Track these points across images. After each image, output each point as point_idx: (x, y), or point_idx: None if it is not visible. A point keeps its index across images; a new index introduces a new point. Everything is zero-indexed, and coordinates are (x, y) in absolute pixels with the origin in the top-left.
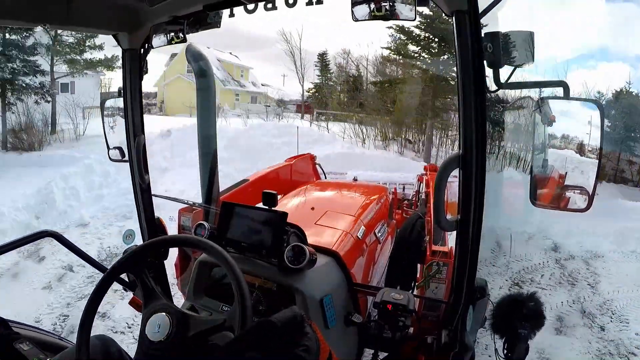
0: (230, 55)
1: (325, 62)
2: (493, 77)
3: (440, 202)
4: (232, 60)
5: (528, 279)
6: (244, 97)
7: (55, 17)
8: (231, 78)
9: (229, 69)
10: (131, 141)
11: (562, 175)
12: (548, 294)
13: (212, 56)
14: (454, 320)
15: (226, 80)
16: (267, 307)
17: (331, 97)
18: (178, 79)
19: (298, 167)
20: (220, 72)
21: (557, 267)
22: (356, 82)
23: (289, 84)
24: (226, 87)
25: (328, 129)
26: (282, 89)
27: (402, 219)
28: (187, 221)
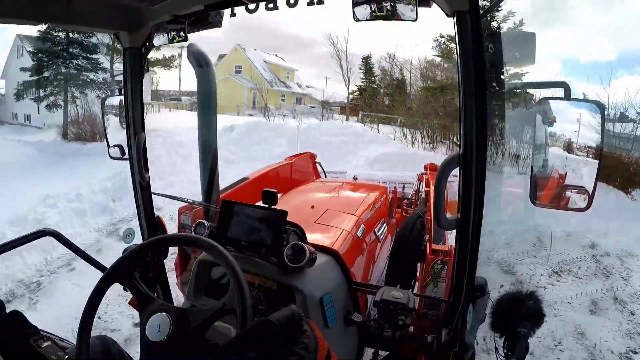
0: (276, 57)
1: (369, 65)
2: (494, 77)
3: (440, 201)
4: (278, 62)
5: (566, 269)
6: (289, 98)
7: (56, 16)
8: (277, 79)
9: (275, 70)
10: (131, 139)
11: (562, 175)
12: (584, 282)
13: (259, 58)
14: (454, 319)
15: (273, 82)
16: (267, 306)
17: (375, 100)
18: (226, 79)
19: (298, 166)
20: (267, 74)
21: (593, 261)
22: (400, 85)
23: (331, 86)
24: (273, 88)
25: (379, 130)
26: (325, 90)
27: (402, 218)
28: (187, 220)
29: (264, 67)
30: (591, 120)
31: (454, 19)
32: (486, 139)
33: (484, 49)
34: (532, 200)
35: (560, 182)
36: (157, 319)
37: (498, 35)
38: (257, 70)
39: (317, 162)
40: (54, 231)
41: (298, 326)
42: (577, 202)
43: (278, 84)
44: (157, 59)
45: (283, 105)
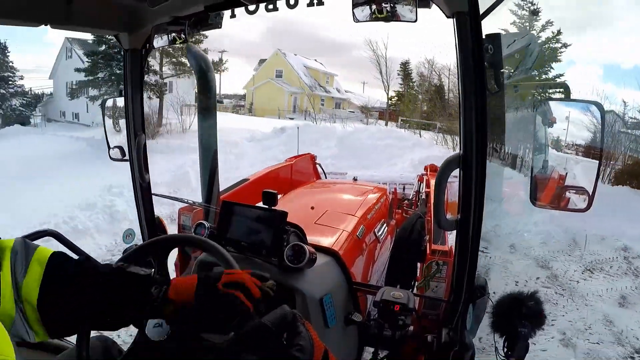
0: (316, 62)
1: (408, 71)
2: (494, 78)
3: (441, 202)
4: (318, 67)
5: (598, 267)
6: (328, 103)
7: (56, 17)
8: (317, 84)
9: (315, 75)
10: (131, 140)
11: (562, 176)
12: (614, 279)
13: (299, 63)
14: (454, 319)
15: (313, 86)
16: (267, 307)
17: (414, 105)
18: (268, 82)
19: (298, 167)
20: (308, 78)
21: (624, 262)
22: (439, 91)
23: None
24: (313, 93)
25: (421, 135)
26: (363, 95)
27: (402, 218)
28: (187, 220)
29: (304, 72)
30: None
31: (453, 20)
32: (486, 139)
33: (483, 50)
34: (532, 200)
35: (560, 183)
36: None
37: (497, 36)
38: (298, 75)
39: (317, 164)
40: (54, 231)
41: (292, 327)
42: (577, 202)
43: (318, 89)
44: None
45: (322, 110)
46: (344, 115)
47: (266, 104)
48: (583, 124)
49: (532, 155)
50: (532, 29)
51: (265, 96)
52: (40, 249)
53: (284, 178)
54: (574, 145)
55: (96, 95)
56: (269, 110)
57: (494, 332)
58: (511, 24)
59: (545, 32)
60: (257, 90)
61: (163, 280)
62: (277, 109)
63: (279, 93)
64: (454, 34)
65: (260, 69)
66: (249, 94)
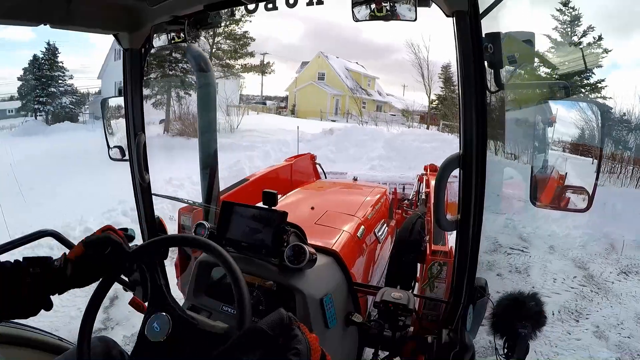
0: (357, 64)
1: (449, 74)
2: (494, 77)
3: (441, 202)
4: (359, 69)
5: (634, 271)
6: (370, 106)
7: (55, 17)
8: (359, 87)
9: (356, 77)
10: (131, 140)
11: (562, 176)
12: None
13: (341, 65)
14: (454, 319)
15: (354, 89)
16: (267, 307)
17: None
18: (310, 85)
19: (298, 167)
20: (349, 81)
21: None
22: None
23: (407, 94)
24: (354, 95)
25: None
26: (403, 98)
27: (402, 218)
28: (187, 220)
29: (346, 74)
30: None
31: (453, 19)
32: (486, 139)
33: (483, 49)
34: (532, 200)
35: (560, 183)
36: (158, 318)
37: (497, 36)
38: (340, 77)
39: (317, 164)
40: (54, 231)
41: (288, 331)
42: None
43: (359, 92)
44: (252, 65)
45: (364, 113)
46: (388, 119)
47: (308, 106)
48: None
49: (532, 155)
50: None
51: (308, 98)
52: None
53: (283, 178)
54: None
55: (149, 94)
56: (312, 112)
57: (494, 333)
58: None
59: (587, 38)
60: (300, 92)
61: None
62: (320, 111)
63: (321, 95)
64: (454, 33)
65: (303, 71)
66: (291, 96)
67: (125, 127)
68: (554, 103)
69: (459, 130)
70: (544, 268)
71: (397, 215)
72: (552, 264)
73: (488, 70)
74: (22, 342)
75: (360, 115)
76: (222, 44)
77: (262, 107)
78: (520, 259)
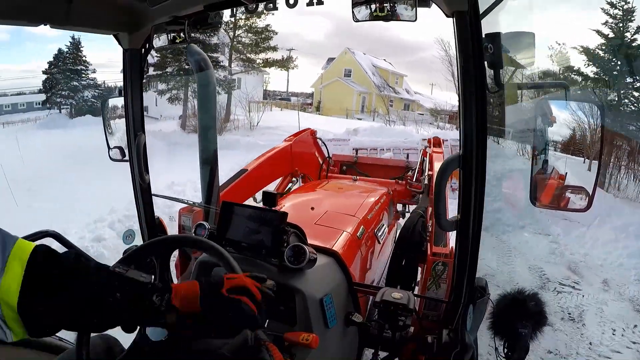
0: (385, 61)
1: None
2: (494, 77)
3: (441, 203)
4: (387, 67)
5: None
6: (397, 104)
7: (55, 17)
8: (386, 84)
9: (384, 75)
10: (131, 140)
11: (562, 176)
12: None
13: (368, 62)
14: (455, 319)
15: (382, 86)
16: (267, 307)
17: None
18: (336, 81)
19: (299, 146)
20: (376, 78)
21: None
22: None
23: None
24: (381, 93)
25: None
26: (431, 97)
27: (405, 191)
28: (187, 221)
29: (373, 71)
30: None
31: (453, 19)
32: (486, 139)
33: (483, 49)
34: (532, 201)
35: (560, 183)
36: None
37: (497, 36)
38: (367, 74)
39: (317, 138)
40: (54, 232)
41: (253, 353)
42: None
43: (387, 89)
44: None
45: (391, 112)
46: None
47: (334, 103)
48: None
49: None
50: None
51: (334, 95)
52: (19, 242)
53: (284, 160)
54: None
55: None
56: (337, 109)
57: (494, 333)
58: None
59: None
60: (325, 89)
61: (164, 288)
62: (345, 109)
63: (348, 92)
64: (454, 33)
65: (329, 68)
66: (317, 93)
67: (125, 127)
68: (553, 103)
69: (459, 130)
70: (600, 313)
71: (401, 186)
72: (608, 307)
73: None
74: (22, 342)
75: (387, 114)
76: (243, 37)
77: (286, 104)
78: (573, 300)
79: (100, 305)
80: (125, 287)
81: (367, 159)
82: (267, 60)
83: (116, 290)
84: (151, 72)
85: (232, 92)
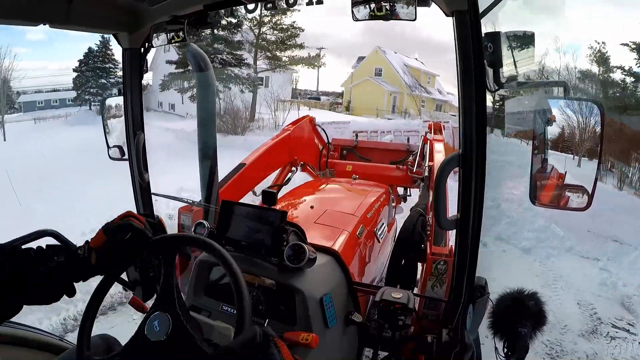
0: (416, 61)
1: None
2: (493, 76)
3: (441, 202)
4: (419, 66)
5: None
6: (429, 104)
7: (55, 16)
8: (418, 84)
9: (415, 74)
10: (131, 139)
11: (562, 175)
12: None
13: (399, 61)
14: (454, 319)
15: (413, 86)
16: (267, 307)
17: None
18: (366, 80)
19: (297, 135)
20: (408, 78)
21: None
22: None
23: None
24: (413, 93)
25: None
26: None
27: (406, 177)
28: (187, 220)
29: (404, 70)
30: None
31: (453, 19)
32: (486, 138)
33: (483, 49)
34: (532, 200)
35: (559, 182)
36: (158, 317)
37: (497, 35)
38: (398, 73)
39: (317, 125)
40: (54, 232)
41: (261, 349)
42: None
43: (418, 89)
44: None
45: (423, 112)
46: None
47: (364, 103)
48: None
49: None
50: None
51: (364, 95)
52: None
53: (283, 150)
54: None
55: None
56: (367, 109)
57: (494, 332)
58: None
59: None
60: (356, 88)
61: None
62: (376, 109)
63: (378, 92)
64: (453, 32)
65: (359, 67)
66: (347, 92)
67: (125, 126)
68: (553, 102)
69: (459, 130)
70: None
71: (402, 172)
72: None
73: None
74: (22, 342)
75: (419, 115)
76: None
77: (314, 103)
78: (628, 349)
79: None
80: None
81: (368, 142)
82: (293, 58)
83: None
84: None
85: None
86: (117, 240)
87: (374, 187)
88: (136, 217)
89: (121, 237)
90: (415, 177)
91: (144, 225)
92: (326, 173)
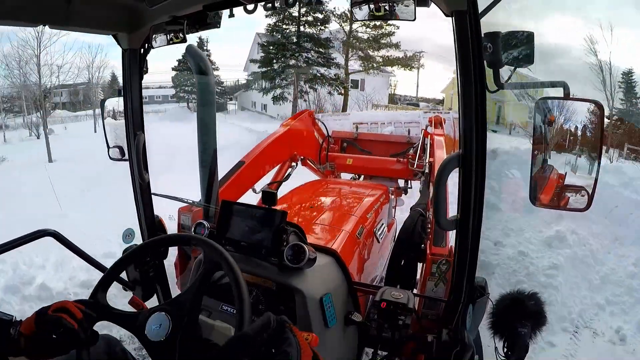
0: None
1: (632, 83)
2: (493, 77)
3: (441, 202)
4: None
5: None
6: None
7: (55, 17)
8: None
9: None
10: (131, 139)
11: (562, 175)
12: None
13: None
14: (454, 319)
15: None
16: (267, 307)
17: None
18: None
19: (297, 130)
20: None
21: None
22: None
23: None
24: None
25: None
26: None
27: (407, 170)
28: (186, 220)
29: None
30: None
31: (452, 19)
32: (486, 138)
33: (482, 49)
34: (532, 200)
35: (559, 182)
36: (156, 318)
37: (497, 35)
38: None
39: (316, 119)
40: (54, 231)
41: (277, 333)
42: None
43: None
44: (396, 58)
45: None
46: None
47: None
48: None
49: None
50: None
51: None
52: None
53: (282, 145)
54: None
55: (267, 87)
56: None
57: (494, 332)
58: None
59: None
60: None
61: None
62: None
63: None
64: (453, 32)
65: None
66: (447, 99)
67: (125, 126)
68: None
69: (459, 130)
70: None
71: (402, 165)
72: None
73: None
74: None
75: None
76: (360, 32)
77: (413, 109)
78: None
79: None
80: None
81: (368, 135)
82: (387, 58)
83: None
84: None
85: (348, 92)
86: (46, 334)
87: (374, 188)
88: (69, 311)
89: (51, 332)
90: (416, 170)
91: (76, 324)
92: (326, 167)
